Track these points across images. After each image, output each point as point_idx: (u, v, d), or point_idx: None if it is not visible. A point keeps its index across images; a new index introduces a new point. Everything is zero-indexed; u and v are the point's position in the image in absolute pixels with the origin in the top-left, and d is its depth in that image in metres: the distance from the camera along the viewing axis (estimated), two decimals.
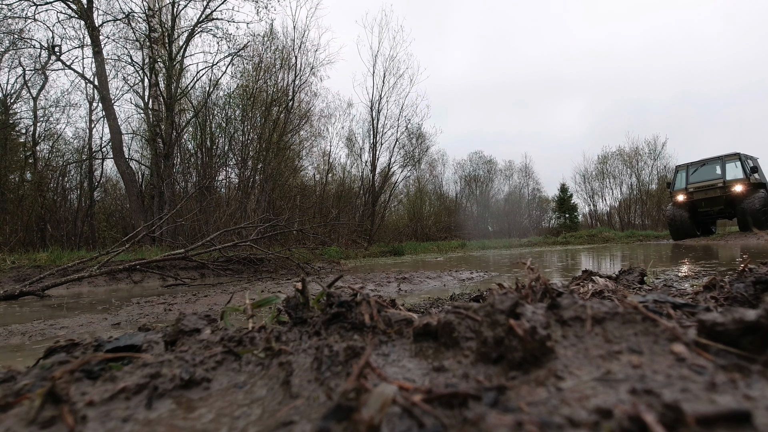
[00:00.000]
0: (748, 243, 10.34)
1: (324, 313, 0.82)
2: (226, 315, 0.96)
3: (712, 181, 15.66)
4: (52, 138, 14.39)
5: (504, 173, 33.23)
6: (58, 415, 0.53)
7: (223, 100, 15.10)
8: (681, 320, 0.71)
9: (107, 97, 11.42)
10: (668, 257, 6.54)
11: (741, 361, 0.52)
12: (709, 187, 15.60)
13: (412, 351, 0.70)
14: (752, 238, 11.26)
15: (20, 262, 6.40)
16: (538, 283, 0.91)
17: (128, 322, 2.52)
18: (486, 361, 0.60)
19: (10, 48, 11.96)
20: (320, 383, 0.58)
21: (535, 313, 0.63)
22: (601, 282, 1.49)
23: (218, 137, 15.03)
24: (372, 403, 0.45)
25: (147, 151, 14.89)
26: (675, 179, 17.50)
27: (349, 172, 21.77)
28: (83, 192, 14.07)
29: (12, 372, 0.68)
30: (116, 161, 11.73)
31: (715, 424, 0.40)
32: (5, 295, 4.05)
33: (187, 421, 0.53)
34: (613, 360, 0.55)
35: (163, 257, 5.58)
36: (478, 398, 0.48)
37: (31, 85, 13.64)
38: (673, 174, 17.99)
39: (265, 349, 0.70)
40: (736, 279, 1.12)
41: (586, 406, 0.44)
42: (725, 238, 13.11)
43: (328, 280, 5.02)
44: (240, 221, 10.43)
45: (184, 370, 0.63)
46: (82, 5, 11.10)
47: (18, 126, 13.91)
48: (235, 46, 13.44)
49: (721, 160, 16.12)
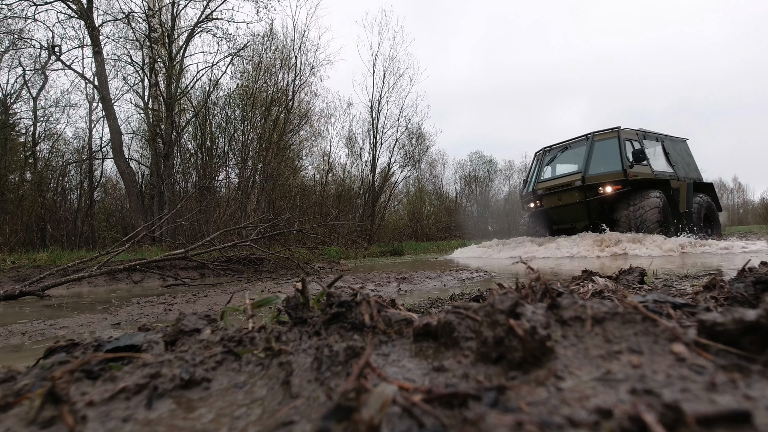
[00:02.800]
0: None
1: (324, 313, 0.82)
2: (226, 315, 0.96)
3: (568, 178, 9.58)
4: (52, 138, 14.39)
5: (504, 173, 33.24)
6: (58, 415, 0.53)
7: (223, 100, 15.10)
8: (681, 320, 0.71)
9: (107, 97, 11.42)
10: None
11: (741, 361, 0.52)
12: (562, 188, 9.62)
13: (412, 351, 0.70)
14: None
15: (20, 262, 6.40)
16: (538, 283, 0.91)
17: (128, 322, 2.52)
18: (486, 361, 0.60)
19: (10, 48, 11.96)
20: (320, 383, 0.58)
21: (535, 313, 0.63)
22: (601, 282, 1.49)
23: (218, 137, 15.03)
24: (372, 403, 0.45)
25: (147, 151, 14.89)
26: (530, 174, 11.17)
27: (349, 172, 21.77)
28: (83, 192, 14.06)
29: (12, 372, 0.68)
30: (116, 161, 11.73)
31: (715, 424, 0.40)
32: (5, 295, 4.05)
33: (187, 421, 0.53)
34: (613, 360, 0.55)
35: (163, 257, 5.58)
36: (478, 398, 0.48)
37: (31, 85, 13.64)
38: (530, 165, 11.60)
39: (265, 349, 0.70)
40: (736, 279, 1.12)
41: (586, 406, 0.44)
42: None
43: (328, 280, 5.02)
44: (240, 221, 10.43)
45: (184, 370, 0.63)
46: (82, 5, 11.09)
47: (18, 126, 13.91)
48: (235, 46, 13.45)
49: (587, 142, 9.65)
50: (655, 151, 10.32)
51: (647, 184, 9.31)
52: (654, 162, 9.87)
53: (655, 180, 9.40)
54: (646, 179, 9.31)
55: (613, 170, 9.14)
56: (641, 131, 10.21)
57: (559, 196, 9.86)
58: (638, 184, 9.20)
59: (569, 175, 9.75)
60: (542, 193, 10.20)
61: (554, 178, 10.15)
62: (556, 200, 9.98)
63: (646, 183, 9.29)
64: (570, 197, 9.66)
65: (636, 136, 9.93)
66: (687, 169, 10.92)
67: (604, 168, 9.25)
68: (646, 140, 10.19)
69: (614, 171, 9.12)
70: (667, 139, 10.99)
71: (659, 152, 10.45)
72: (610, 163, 9.23)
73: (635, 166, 9.24)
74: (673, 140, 11.21)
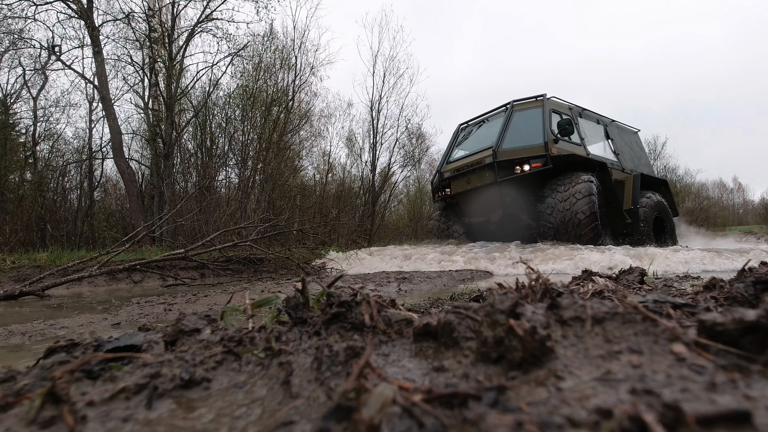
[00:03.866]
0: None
1: (324, 313, 0.82)
2: (226, 315, 0.96)
3: (478, 155, 7.56)
4: (52, 138, 14.39)
5: None
6: (58, 415, 0.53)
7: (223, 100, 15.10)
8: (681, 320, 0.71)
9: (107, 97, 11.42)
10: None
11: (741, 361, 0.52)
12: (471, 168, 7.56)
13: (412, 351, 0.70)
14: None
15: (20, 262, 6.39)
16: (538, 283, 0.91)
17: (128, 322, 2.52)
18: (486, 361, 0.60)
19: (10, 48, 11.96)
20: (320, 383, 0.58)
21: (535, 313, 0.63)
22: (601, 282, 1.49)
23: (218, 137, 15.03)
24: (372, 403, 0.45)
25: (147, 151, 14.89)
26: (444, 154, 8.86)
27: (349, 172, 21.75)
28: (83, 192, 14.05)
29: (12, 372, 0.68)
30: (116, 161, 11.73)
31: (715, 424, 0.40)
32: (5, 295, 4.05)
33: (187, 421, 0.53)
34: (613, 360, 0.55)
35: (163, 257, 5.58)
36: (478, 398, 0.48)
37: (31, 85, 13.63)
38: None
39: (265, 349, 0.70)
40: (736, 279, 1.12)
41: (586, 406, 0.44)
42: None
43: (328, 280, 5.02)
44: (240, 221, 10.43)
45: (184, 370, 0.63)
46: (82, 5, 11.09)
47: (18, 126, 13.90)
48: (235, 46, 13.45)
49: (506, 113, 7.74)
50: (594, 133, 8.44)
51: (578, 166, 7.17)
52: (592, 145, 8.06)
53: (588, 162, 7.29)
54: (576, 159, 7.18)
55: (532, 144, 7.09)
56: (578, 107, 8.40)
57: (467, 179, 7.64)
58: (565, 164, 7.09)
59: (481, 151, 7.63)
60: (450, 176, 8.00)
61: (464, 157, 8.04)
62: (464, 184, 7.72)
63: (576, 165, 7.17)
64: (479, 179, 7.45)
65: (570, 111, 8.04)
66: (636, 162, 9.11)
67: (522, 141, 7.20)
68: (583, 119, 8.29)
69: (533, 145, 7.07)
70: (612, 125, 9.10)
71: (600, 136, 8.60)
72: (530, 136, 7.18)
73: (561, 142, 7.21)
74: (621, 128, 9.46)
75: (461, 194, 8.01)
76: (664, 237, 8.81)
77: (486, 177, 7.40)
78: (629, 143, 9.49)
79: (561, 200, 6.89)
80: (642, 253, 5.87)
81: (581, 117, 8.34)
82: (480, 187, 7.54)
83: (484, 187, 7.47)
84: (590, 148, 7.97)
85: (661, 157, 32.79)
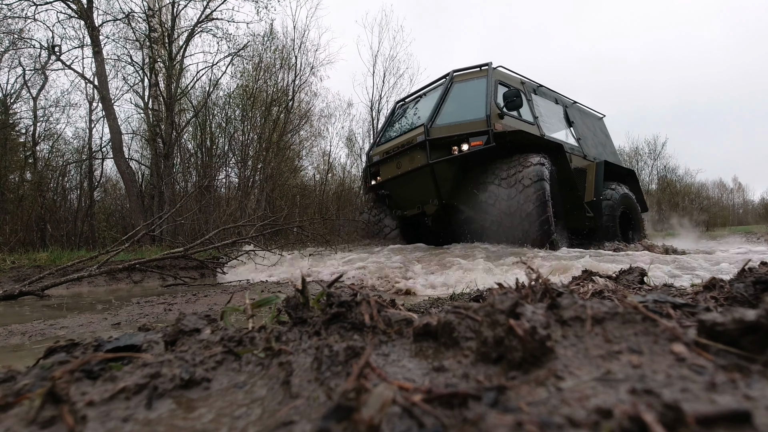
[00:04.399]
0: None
1: (324, 313, 0.82)
2: (226, 315, 0.96)
3: (409, 134, 6.47)
4: (52, 138, 14.39)
5: None
6: (58, 415, 0.53)
7: (223, 100, 15.10)
8: (681, 320, 0.71)
9: (107, 97, 11.42)
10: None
11: (741, 361, 0.52)
12: (401, 149, 6.44)
13: (412, 351, 0.70)
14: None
15: (20, 262, 6.40)
16: (538, 283, 0.91)
17: (128, 322, 2.52)
18: (486, 361, 0.60)
19: (10, 48, 11.96)
20: (320, 383, 0.58)
21: (535, 313, 0.63)
22: (601, 282, 1.49)
23: (218, 137, 15.03)
24: (372, 403, 0.45)
25: (147, 151, 14.90)
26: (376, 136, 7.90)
27: (349, 172, 21.76)
28: (83, 192, 14.05)
29: (12, 372, 0.68)
30: (116, 161, 11.73)
31: (715, 423, 0.40)
32: (4, 295, 4.05)
33: (187, 421, 0.53)
34: (613, 360, 0.55)
35: (163, 256, 5.58)
36: (478, 398, 0.48)
37: (31, 85, 13.63)
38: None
39: (265, 349, 0.70)
40: (736, 279, 1.12)
41: (586, 406, 0.44)
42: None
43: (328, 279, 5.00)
44: (239, 221, 10.43)
45: (184, 370, 0.63)
46: (82, 5, 11.09)
47: (18, 126, 13.91)
48: (235, 46, 13.46)
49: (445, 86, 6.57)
50: (551, 114, 7.27)
51: (529, 148, 5.85)
52: (547, 125, 6.80)
53: (541, 142, 6.02)
54: (527, 138, 5.85)
55: (473, 118, 5.82)
56: (533, 83, 7.22)
57: (397, 162, 6.40)
58: (514, 144, 5.75)
59: (413, 129, 6.41)
60: (379, 160, 6.74)
61: (394, 138, 6.78)
62: (394, 168, 6.47)
63: (526, 146, 5.85)
64: (410, 162, 6.18)
65: (522, 85, 6.79)
66: (600, 150, 8.02)
67: (460, 117, 5.98)
68: (539, 96, 7.08)
69: (473, 119, 5.80)
70: (574, 106, 7.93)
71: (559, 118, 7.41)
72: (470, 111, 5.95)
73: (509, 119, 5.96)
74: (585, 111, 8.29)
75: (391, 181, 6.64)
76: (631, 235, 7.77)
77: (417, 159, 6.09)
78: (593, 129, 8.31)
79: (505, 187, 5.46)
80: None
81: (536, 94, 7.08)
82: (411, 172, 6.20)
83: (416, 172, 6.14)
84: (546, 131, 6.73)
85: (661, 157, 32.85)
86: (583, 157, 7.40)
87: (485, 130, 5.68)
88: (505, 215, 5.43)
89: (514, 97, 5.85)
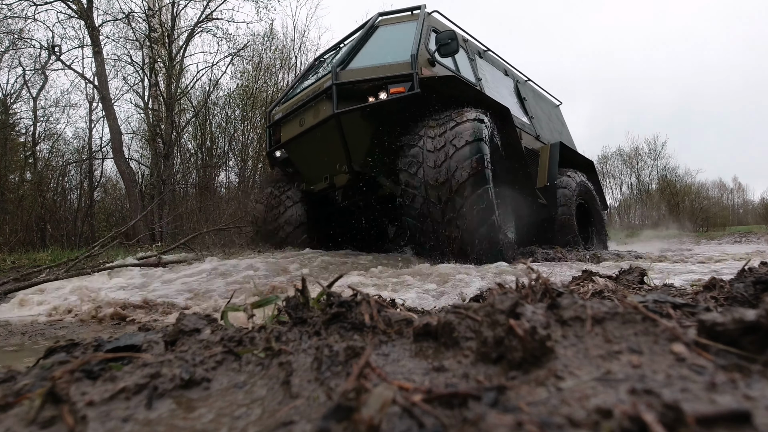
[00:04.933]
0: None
1: (324, 312, 0.82)
2: (226, 315, 0.96)
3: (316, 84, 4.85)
4: (52, 138, 14.40)
5: None
6: (58, 415, 0.53)
7: (223, 100, 15.12)
8: (681, 320, 0.71)
9: (107, 97, 11.43)
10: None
11: (741, 361, 0.52)
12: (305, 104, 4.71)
13: (412, 351, 0.70)
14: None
15: (20, 262, 6.40)
16: (538, 283, 0.91)
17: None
18: (486, 361, 0.60)
19: (10, 48, 11.97)
20: (320, 383, 0.58)
21: (535, 313, 0.63)
22: (601, 282, 1.49)
23: (218, 137, 15.04)
24: (372, 403, 0.45)
25: (147, 151, 14.90)
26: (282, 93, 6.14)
27: None
28: (83, 192, 14.07)
29: (12, 372, 0.68)
30: (116, 161, 11.74)
31: (715, 423, 0.40)
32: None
33: (187, 421, 0.53)
34: (613, 360, 0.55)
35: (161, 255, 5.58)
36: (478, 398, 0.48)
37: (31, 85, 13.64)
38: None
39: (265, 349, 0.70)
40: (736, 279, 1.12)
41: (586, 406, 0.44)
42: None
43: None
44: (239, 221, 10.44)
45: (184, 370, 0.63)
46: (82, 5, 11.10)
47: (18, 126, 13.91)
48: (235, 46, 13.48)
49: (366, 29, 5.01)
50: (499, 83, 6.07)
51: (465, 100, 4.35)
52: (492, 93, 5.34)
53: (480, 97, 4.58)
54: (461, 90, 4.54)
55: (395, 61, 4.41)
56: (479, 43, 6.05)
57: (300, 119, 4.84)
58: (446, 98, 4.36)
59: (322, 78, 4.94)
60: (281, 117, 5.17)
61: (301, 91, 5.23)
62: (296, 126, 4.88)
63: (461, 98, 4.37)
64: (315, 115, 4.63)
65: (464, 43, 5.49)
66: (556, 136, 6.95)
67: (379, 59, 4.54)
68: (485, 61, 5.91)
69: (395, 62, 4.40)
70: (527, 84, 6.92)
71: (509, 89, 6.30)
72: (393, 54, 4.54)
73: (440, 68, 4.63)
74: (539, 94, 7.34)
75: (293, 145, 4.95)
76: (590, 231, 6.64)
77: (323, 111, 4.52)
78: (548, 113, 7.29)
79: (431, 149, 3.88)
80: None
81: (481, 57, 5.87)
82: (315, 128, 4.56)
83: (320, 127, 4.50)
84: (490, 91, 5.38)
85: (661, 157, 32.86)
86: (535, 138, 6.16)
87: (409, 73, 4.18)
88: (431, 187, 3.81)
89: (449, 39, 4.40)
